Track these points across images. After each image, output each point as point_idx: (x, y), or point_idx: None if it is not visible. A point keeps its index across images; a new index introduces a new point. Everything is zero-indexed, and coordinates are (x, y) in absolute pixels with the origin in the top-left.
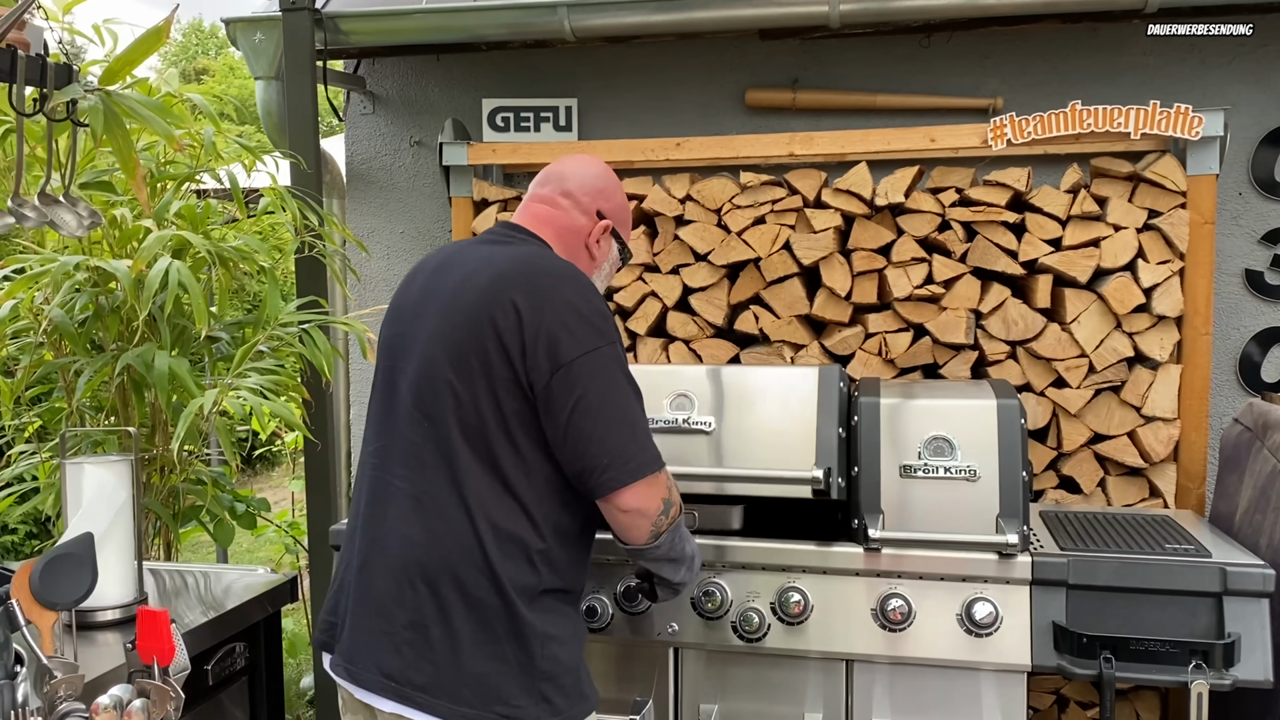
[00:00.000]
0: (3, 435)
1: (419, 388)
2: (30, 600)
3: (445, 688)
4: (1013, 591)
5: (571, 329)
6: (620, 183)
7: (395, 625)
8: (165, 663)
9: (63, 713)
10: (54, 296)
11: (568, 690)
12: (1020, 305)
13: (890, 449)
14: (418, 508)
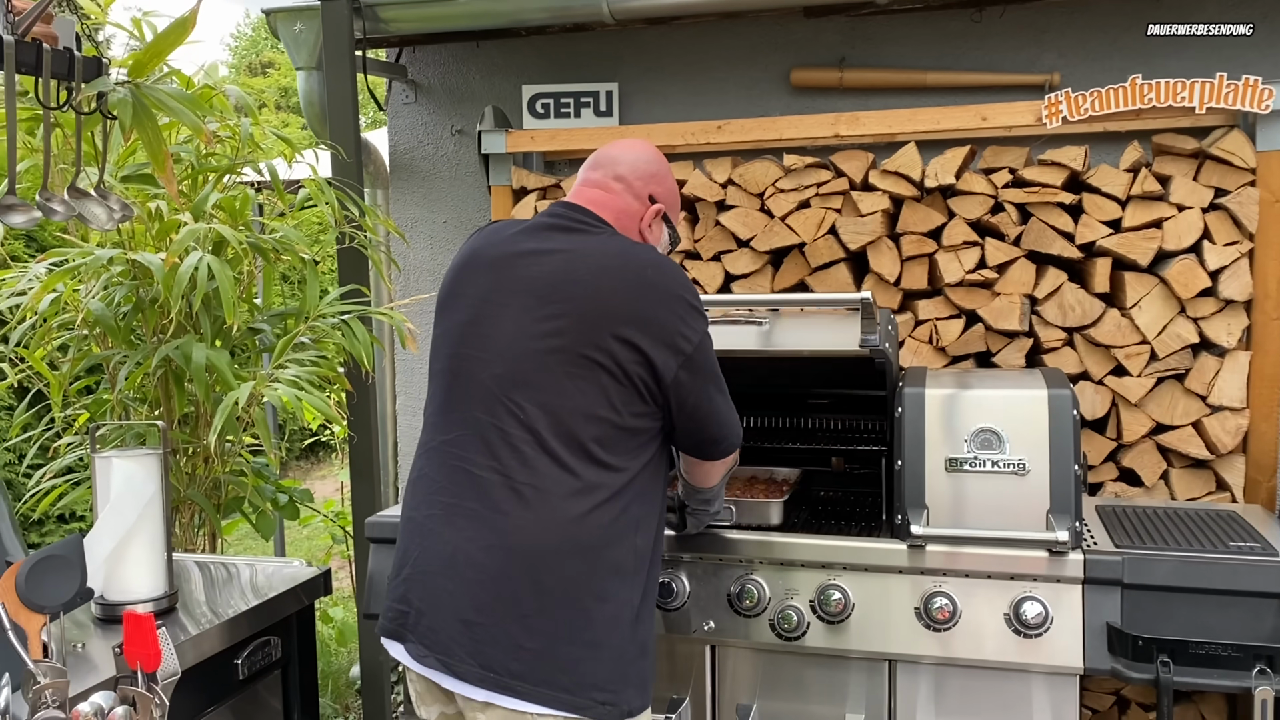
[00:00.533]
0: (52, 427)
1: (510, 379)
2: (17, 603)
3: (543, 675)
4: (1064, 591)
5: (684, 318)
6: (670, 167)
7: (491, 615)
8: (150, 669)
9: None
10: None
11: (649, 676)
12: (1077, 290)
13: (935, 441)
14: (514, 496)
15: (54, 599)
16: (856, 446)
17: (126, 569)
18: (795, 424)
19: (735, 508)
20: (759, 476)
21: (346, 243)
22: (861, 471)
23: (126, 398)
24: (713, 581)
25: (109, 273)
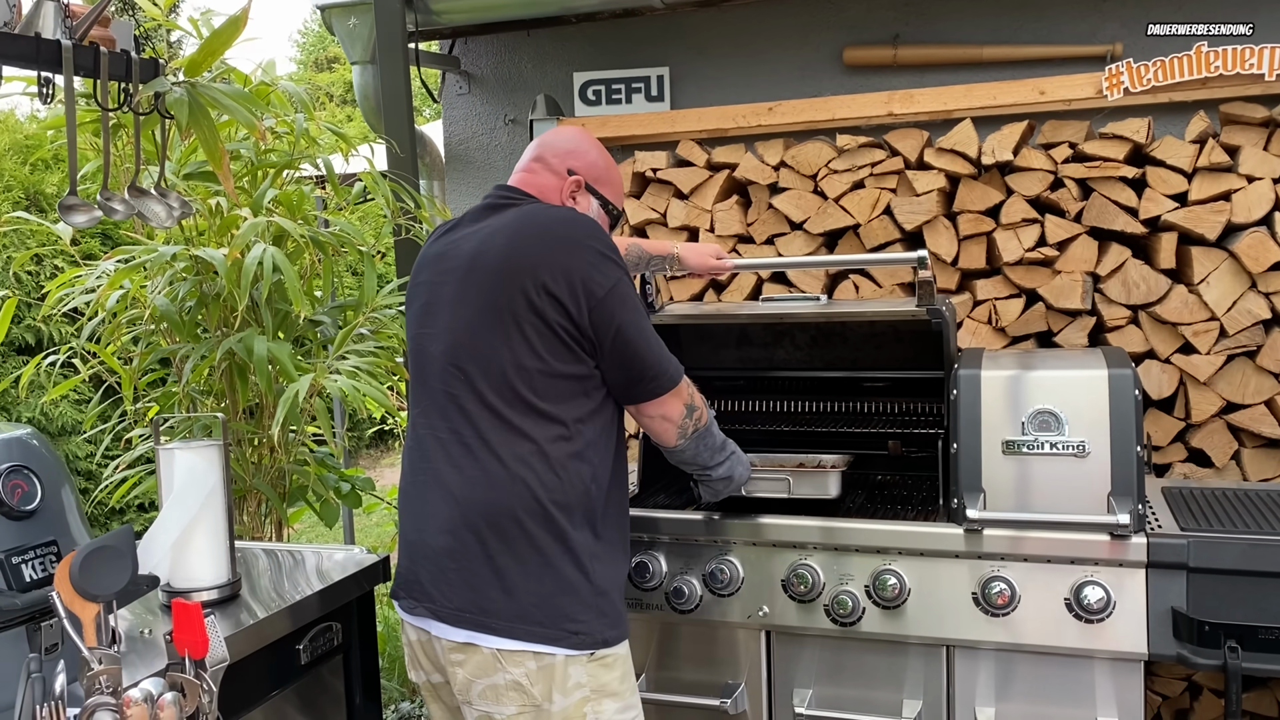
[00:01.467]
0: (125, 418)
1: (453, 347)
2: (71, 592)
3: (515, 612)
4: (1127, 575)
5: (594, 264)
6: (599, 147)
7: (462, 561)
8: (198, 656)
9: (93, 706)
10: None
11: (621, 611)
12: (1142, 266)
13: (992, 424)
14: (467, 452)
15: (107, 588)
16: (913, 430)
17: (190, 557)
18: (851, 408)
19: (791, 479)
20: (806, 463)
21: (403, 234)
22: (918, 455)
23: (193, 390)
24: (766, 566)
25: (173, 269)
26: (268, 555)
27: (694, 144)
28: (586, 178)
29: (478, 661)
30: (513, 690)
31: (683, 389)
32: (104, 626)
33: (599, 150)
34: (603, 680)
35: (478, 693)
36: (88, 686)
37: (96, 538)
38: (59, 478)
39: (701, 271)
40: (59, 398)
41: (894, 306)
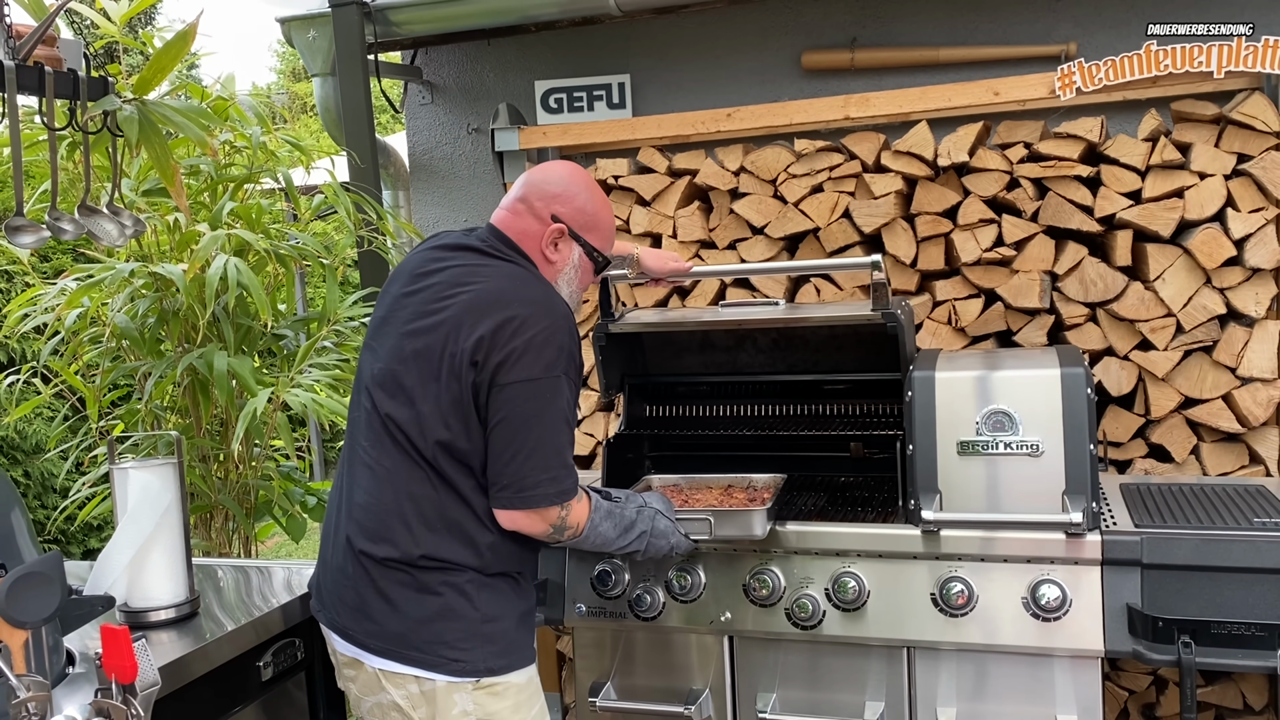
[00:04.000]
0: (89, 436)
1: (383, 375)
2: None
3: (395, 634)
4: (1082, 572)
5: (521, 355)
6: (591, 188)
7: (354, 578)
8: (126, 680)
9: None
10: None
11: (513, 640)
12: (1099, 264)
13: (947, 425)
14: (370, 474)
15: (34, 614)
16: (874, 431)
17: (147, 576)
18: (813, 410)
19: (713, 519)
20: (735, 487)
21: (366, 245)
22: (880, 456)
23: (156, 407)
24: (728, 572)
25: (132, 285)
26: (235, 571)
27: (655, 151)
28: (572, 224)
29: (364, 679)
30: (395, 711)
31: (550, 513)
32: (32, 653)
33: (590, 193)
34: (491, 710)
35: (366, 709)
36: (14, 714)
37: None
38: (8, 501)
39: (661, 275)
40: (33, 415)
41: (850, 311)
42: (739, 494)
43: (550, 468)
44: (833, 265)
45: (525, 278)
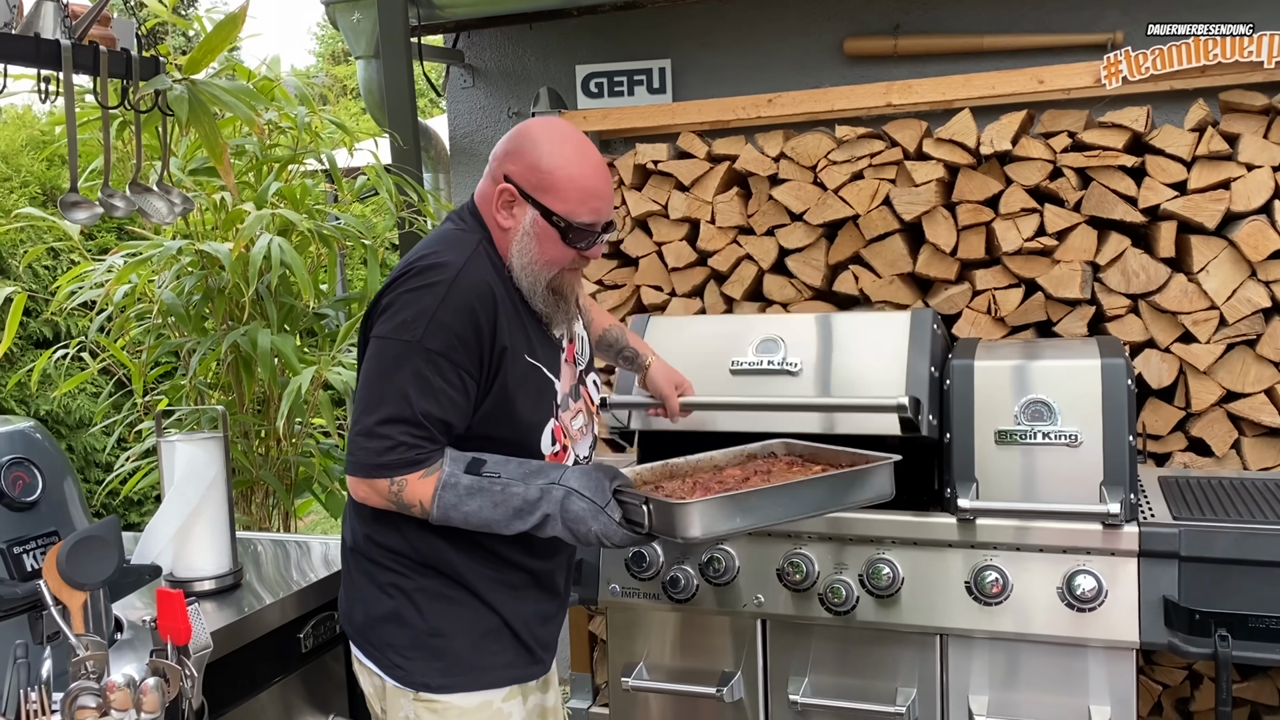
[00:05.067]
0: (135, 410)
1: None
2: (58, 581)
3: (362, 629)
4: (1119, 564)
5: (384, 310)
6: (555, 142)
7: (342, 564)
8: (180, 642)
9: (77, 690)
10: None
11: (466, 659)
12: (1141, 255)
13: (985, 413)
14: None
15: (92, 576)
16: None
17: (192, 547)
18: None
19: (651, 508)
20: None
21: (407, 227)
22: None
23: (200, 383)
24: (761, 556)
25: (179, 263)
26: (275, 545)
27: (695, 136)
28: (522, 184)
29: (355, 663)
30: (369, 698)
31: (380, 485)
32: (90, 614)
33: (551, 147)
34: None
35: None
36: (73, 672)
37: (83, 528)
38: (61, 470)
39: (659, 396)
40: (76, 391)
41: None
42: (732, 471)
43: (375, 435)
44: (856, 405)
45: (445, 236)
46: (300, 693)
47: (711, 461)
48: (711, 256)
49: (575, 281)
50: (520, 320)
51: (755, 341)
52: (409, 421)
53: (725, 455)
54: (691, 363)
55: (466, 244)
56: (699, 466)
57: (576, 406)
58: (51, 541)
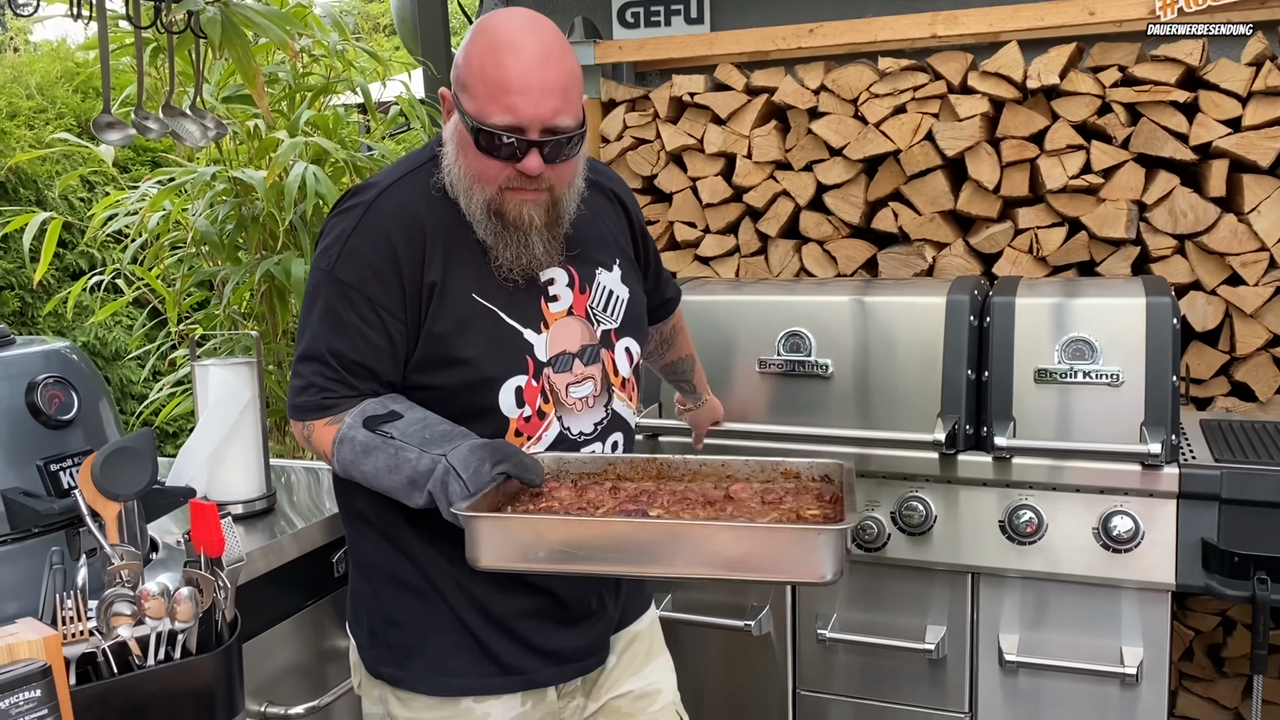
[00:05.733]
0: (169, 339)
1: None
2: (93, 491)
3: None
4: (1157, 505)
5: (320, 237)
6: (490, 34)
7: None
8: (214, 554)
9: (112, 597)
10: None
11: (424, 657)
12: (1190, 194)
13: (1025, 352)
14: None
15: (126, 487)
16: None
17: (225, 471)
18: None
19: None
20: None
21: None
22: None
23: (234, 313)
24: None
25: (213, 189)
26: (307, 472)
27: (732, 67)
28: (454, 85)
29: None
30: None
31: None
32: (125, 526)
33: (477, 38)
34: (394, 713)
35: None
36: (108, 580)
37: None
38: (96, 390)
39: (694, 428)
40: (112, 323)
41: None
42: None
43: (295, 373)
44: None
45: (404, 158)
46: (331, 617)
47: (612, 469)
48: (747, 192)
49: (530, 207)
50: (469, 254)
51: (781, 335)
52: (318, 359)
53: (631, 462)
54: (713, 361)
55: (408, 164)
56: (593, 469)
57: (584, 371)
58: None
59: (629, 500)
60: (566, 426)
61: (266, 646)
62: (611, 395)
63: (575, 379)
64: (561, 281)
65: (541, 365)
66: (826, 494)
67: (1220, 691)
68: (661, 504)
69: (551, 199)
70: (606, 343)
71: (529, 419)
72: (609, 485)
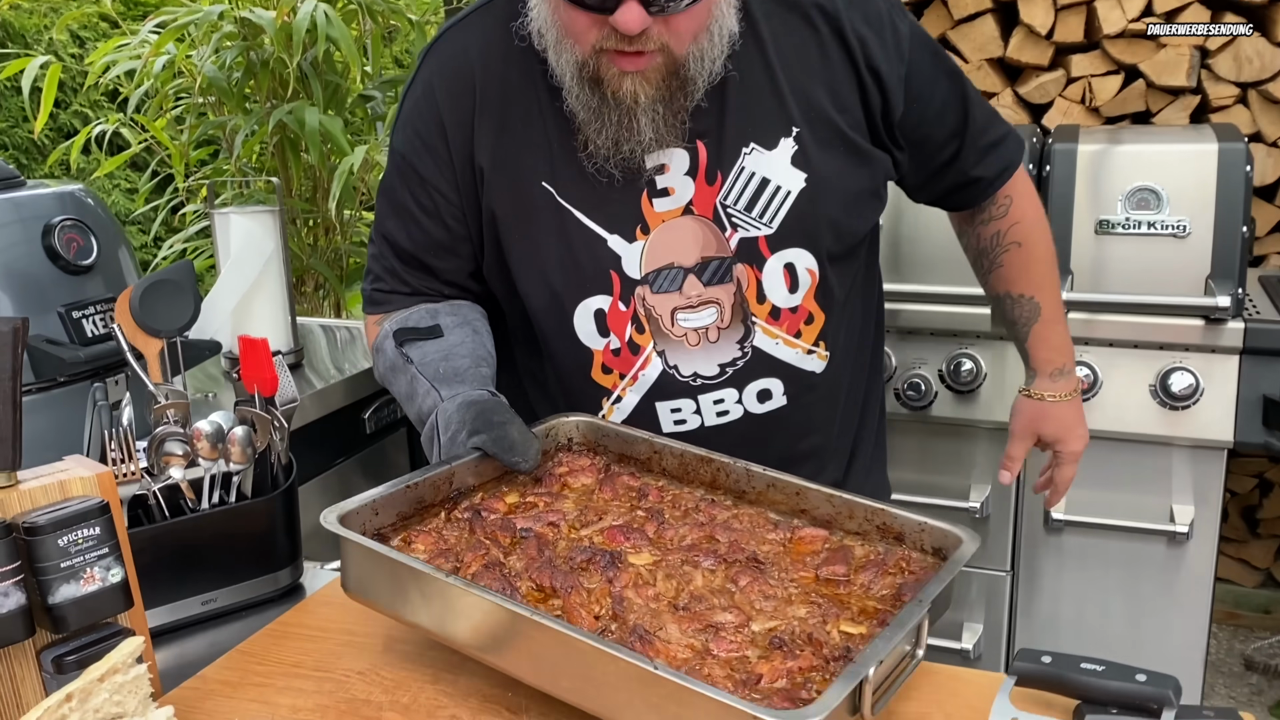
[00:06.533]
0: (177, 195)
1: None
2: (133, 326)
3: None
4: (1218, 361)
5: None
6: None
7: None
8: (268, 392)
9: (163, 435)
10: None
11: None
12: (1258, 40)
13: (1085, 202)
14: None
15: (168, 323)
16: None
17: (251, 324)
18: None
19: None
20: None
21: (454, 3)
22: None
23: (245, 166)
24: None
25: (219, 31)
26: (326, 331)
27: None
28: None
29: None
30: None
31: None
32: (168, 364)
33: None
34: None
35: None
36: (155, 420)
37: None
38: (115, 237)
39: (1011, 435)
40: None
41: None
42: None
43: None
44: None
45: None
46: (361, 475)
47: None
48: None
49: (634, 80)
50: (545, 127)
51: None
52: (375, 241)
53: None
54: None
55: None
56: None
57: (703, 293)
58: (110, 308)
59: (621, 529)
60: (673, 365)
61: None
62: (751, 329)
63: (687, 302)
64: (679, 167)
65: (633, 283)
66: (913, 582)
67: (1252, 552)
68: (665, 544)
69: (668, 64)
70: (748, 254)
71: (618, 352)
72: (638, 486)
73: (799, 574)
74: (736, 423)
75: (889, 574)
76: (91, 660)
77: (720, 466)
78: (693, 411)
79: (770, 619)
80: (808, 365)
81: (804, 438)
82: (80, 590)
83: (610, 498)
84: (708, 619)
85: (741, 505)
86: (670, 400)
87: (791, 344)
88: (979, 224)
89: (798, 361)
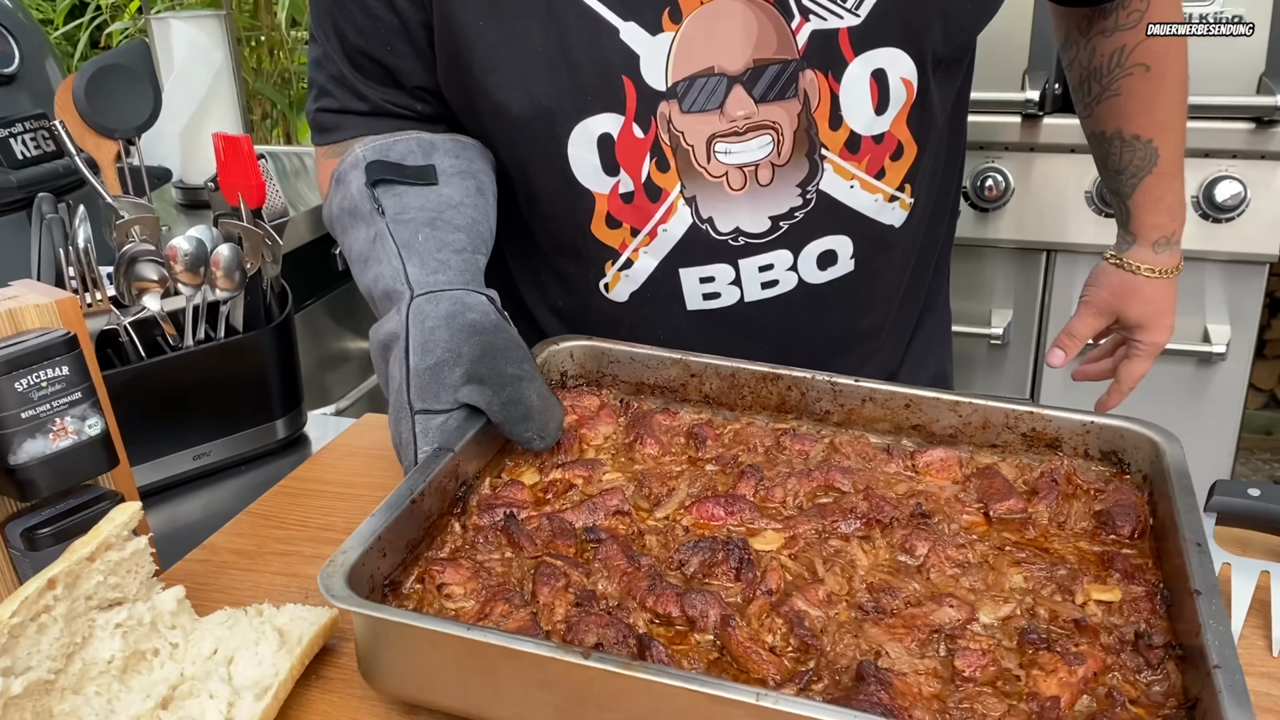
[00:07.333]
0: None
1: None
2: (81, 125)
3: None
4: (1269, 169)
5: None
6: None
7: None
8: (255, 203)
9: (132, 254)
10: None
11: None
12: None
13: None
14: None
15: (123, 120)
16: None
17: (203, 149)
18: None
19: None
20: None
21: None
22: None
23: None
24: None
25: None
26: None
27: None
28: None
29: None
30: None
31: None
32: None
33: None
34: None
35: None
36: (119, 240)
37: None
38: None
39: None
40: None
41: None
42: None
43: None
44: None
45: None
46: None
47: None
48: None
49: None
50: None
51: None
52: (316, 42)
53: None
54: None
55: None
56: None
57: (752, 112)
58: (41, 126)
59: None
60: (706, 218)
61: None
62: (819, 167)
63: (730, 127)
64: None
65: (655, 97)
66: (1116, 506)
67: (1258, 374)
68: (779, 510)
69: None
70: (822, 56)
71: (630, 196)
72: (682, 427)
73: (963, 518)
74: (785, 296)
75: (1070, 498)
76: (71, 533)
77: (792, 383)
78: (729, 281)
79: (993, 601)
80: (885, 217)
81: (865, 314)
82: (50, 446)
83: (658, 452)
84: (923, 621)
85: (825, 429)
86: (700, 266)
87: (871, 187)
88: (1098, 33)
89: (875, 212)
